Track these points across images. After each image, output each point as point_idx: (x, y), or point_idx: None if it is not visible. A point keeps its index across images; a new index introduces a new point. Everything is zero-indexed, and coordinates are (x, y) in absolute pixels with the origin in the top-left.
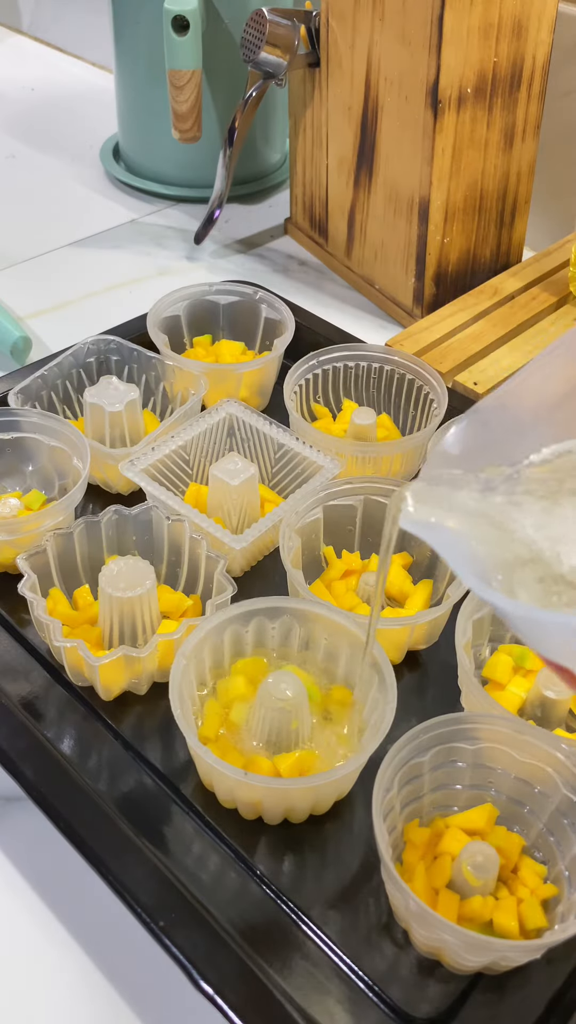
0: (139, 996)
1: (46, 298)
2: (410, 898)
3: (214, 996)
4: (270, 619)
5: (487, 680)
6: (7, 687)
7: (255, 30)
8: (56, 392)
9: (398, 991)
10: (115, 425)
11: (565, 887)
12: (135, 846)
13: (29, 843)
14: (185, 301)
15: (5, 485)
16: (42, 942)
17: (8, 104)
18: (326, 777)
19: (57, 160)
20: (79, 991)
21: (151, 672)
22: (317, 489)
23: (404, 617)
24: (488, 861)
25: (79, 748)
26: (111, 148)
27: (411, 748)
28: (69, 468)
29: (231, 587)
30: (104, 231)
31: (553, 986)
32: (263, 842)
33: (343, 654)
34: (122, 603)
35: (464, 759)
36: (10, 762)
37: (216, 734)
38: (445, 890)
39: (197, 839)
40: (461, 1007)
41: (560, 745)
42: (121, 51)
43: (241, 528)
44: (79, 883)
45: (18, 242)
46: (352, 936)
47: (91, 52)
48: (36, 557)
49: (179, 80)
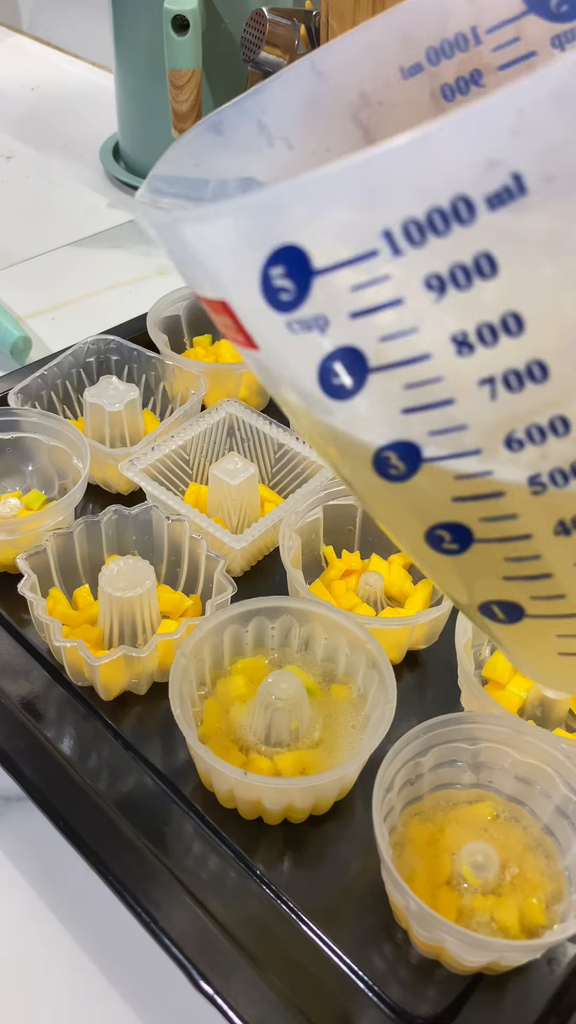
0: (139, 996)
1: (46, 298)
2: (410, 898)
3: (214, 996)
4: (270, 619)
5: (487, 680)
6: (7, 687)
7: (255, 30)
8: (56, 392)
9: (398, 991)
10: (115, 425)
11: (565, 887)
12: (135, 846)
13: (29, 843)
14: (185, 301)
15: (5, 485)
16: (42, 942)
17: (8, 104)
18: (326, 777)
19: (57, 160)
20: (79, 991)
21: (151, 672)
22: (317, 489)
23: (404, 617)
24: (488, 861)
25: (79, 748)
26: (111, 148)
27: (411, 748)
28: (69, 468)
29: (231, 587)
30: (104, 231)
31: (553, 986)
32: (263, 842)
33: (343, 653)
34: (122, 603)
35: (464, 759)
36: (10, 762)
37: (216, 734)
38: (445, 890)
39: (197, 839)
40: (461, 1007)
41: (560, 745)
42: (121, 51)
43: (241, 528)
44: (79, 883)
45: (18, 242)
46: (352, 936)
47: (91, 52)
48: (36, 557)
49: (179, 80)
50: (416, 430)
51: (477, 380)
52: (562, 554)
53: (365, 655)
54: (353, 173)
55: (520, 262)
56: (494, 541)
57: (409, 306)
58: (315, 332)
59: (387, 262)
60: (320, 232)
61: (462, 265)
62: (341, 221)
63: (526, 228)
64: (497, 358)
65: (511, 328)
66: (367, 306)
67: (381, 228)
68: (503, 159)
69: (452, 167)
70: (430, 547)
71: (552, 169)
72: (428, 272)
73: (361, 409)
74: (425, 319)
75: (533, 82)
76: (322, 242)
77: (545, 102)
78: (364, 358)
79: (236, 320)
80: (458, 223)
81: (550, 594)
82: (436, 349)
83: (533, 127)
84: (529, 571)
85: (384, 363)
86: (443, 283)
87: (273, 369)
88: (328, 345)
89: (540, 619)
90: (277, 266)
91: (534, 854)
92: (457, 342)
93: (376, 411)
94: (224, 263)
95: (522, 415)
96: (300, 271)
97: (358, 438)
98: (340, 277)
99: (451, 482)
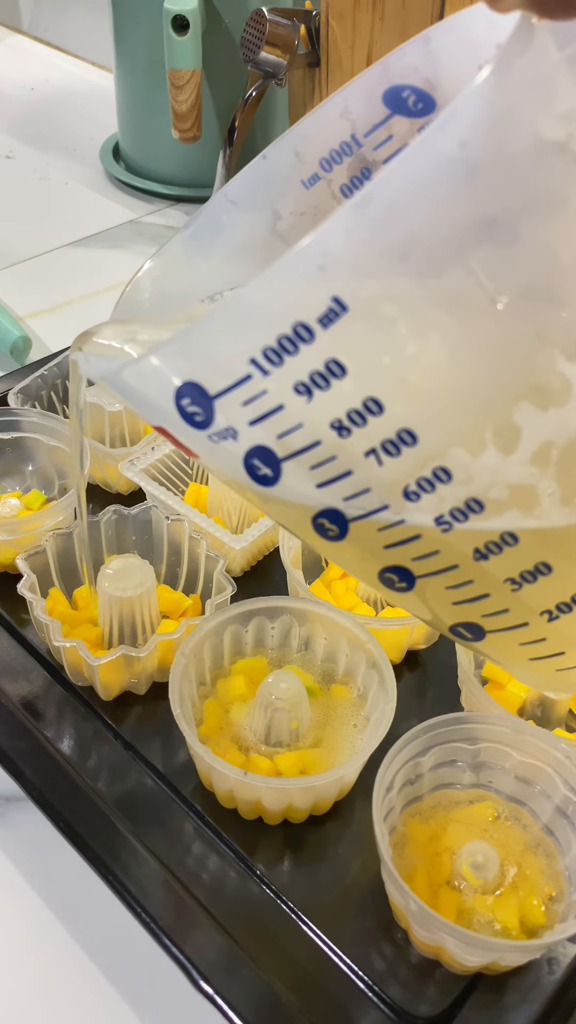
0: (139, 996)
1: (46, 298)
2: (410, 898)
3: (214, 996)
4: (270, 619)
5: (487, 680)
6: (7, 687)
7: (255, 30)
8: (56, 392)
9: (398, 991)
10: (115, 425)
11: (565, 887)
12: (135, 846)
13: (29, 843)
14: None
15: (5, 485)
16: (42, 942)
17: (8, 104)
18: (326, 777)
19: (57, 160)
20: (79, 991)
21: (151, 672)
22: None
23: (404, 617)
24: (488, 861)
25: (79, 748)
26: (111, 148)
27: (411, 748)
28: (69, 468)
29: (231, 587)
30: (104, 231)
31: (553, 986)
32: (263, 842)
33: (343, 653)
34: (122, 603)
35: (464, 759)
36: (10, 762)
37: (216, 734)
38: (445, 890)
39: (197, 839)
40: (461, 1007)
41: (560, 745)
42: (121, 51)
43: (241, 528)
44: (79, 883)
45: (18, 242)
46: (352, 936)
47: (91, 52)
48: (36, 557)
49: (179, 80)
50: (333, 499)
51: (363, 452)
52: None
53: (365, 655)
54: (219, 320)
55: (361, 359)
56: (431, 575)
57: (290, 408)
58: (230, 440)
59: (261, 380)
60: (207, 367)
61: (318, 371)
62: (219, 356)
63: (356, 334)
64: (371, 434)
65: (372, 410)
66: (258, 414)
67: (248, 357)
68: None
69: (285, 305)
70: (386, 587)
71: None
72: (294, 381)
73: (286, 490)
74: (304, 416)
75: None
76: (210, 375)
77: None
78: (272, 452)
79: (174, 439)
80: (303, 343)
81: (495, 610)
82: (322, 436)
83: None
84: (469, 594)
85: (289, 453)
86: (308, 388)
87: (213, 470)
88: (242, 448)
89: (498, 633)
90: (184, 398)
91: (534, 854)
92: (335, 427)
93: (298, 489)
94: (152, 398)
95: (408, 472)
96: (202, 398)
97: (293, 512)
98: (232, 397)
99: (376, 534)
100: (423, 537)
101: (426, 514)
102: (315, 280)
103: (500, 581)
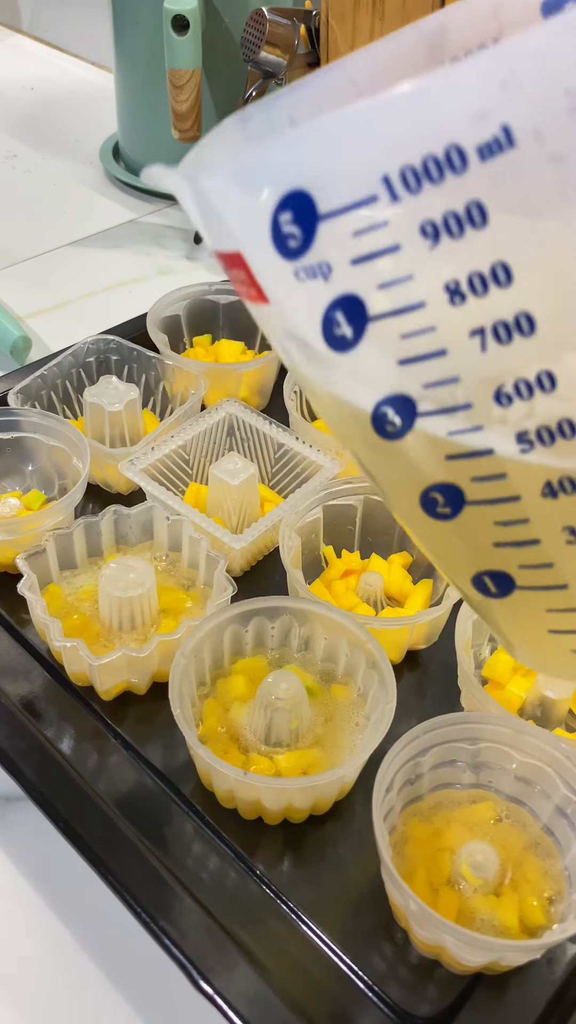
0: (139, 996)
1: (46, 298)
2: (410, 898)
3: (214, 996)
4: (270, 619)
5: (487, 680)
6: (7, 687)
7: (255, 30)
8: (56, 392)
9: (398, 991)
10: (115, 425)
11: (565, 887)
12: (135, 846)
13: (29, 843)
14: (185, 301)
15: (5, 485)
16: (42, 942)
17: (8, 104)
18: (326, 777)
19: (57, 160)
20: (79, 991)
21: (151, 672)
22: (317, 489)
23: (404, 617)
24: (488, 861)
25: (79, 748)
26: (111, 148)
27: (411, 748)
28: (69, 468)
29: (231, 587)
30: (104, 231)
31: (553, 986)
32: (263, 842)
33: (343, 653)
34: (122, 603)
35: (464, 759)
36: (10, 762)
37: (216, 734)
38: (445, 890)
39: (197, 839)
40: (461, 1007)
41: (560, 745)
42: (121, 51)
43: (241, 528)
44: (79, 883)
45: (18, 242)
46: (352, 936)
47: (91, 52)
48: (36, 557)
49: (179, 80)
50: (412, 383)
51: (468, 330)
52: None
53: (365, 655)
54: (354, 120)
55: (509, 214)
56: (485, 503)
57: (406, 252)
58: (319, 279)
59: (385, 207)
60: (324, 178)
61: (455, 213)
62: (343, 167)
63: (512, 179)
64: (487, 309)
65: (500, 279)
66: (367, 252)
67: (380, 174)
68: (492, 110)
69: (446, 117)
70: (425, 512)
71: (539, 125)
72: (423, 219)
73: (360, 362)
74: (420, 266)
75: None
76: (326, 188)
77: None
78: (364, 306)
79: (249, 272)
80: (451, 171)
81: (538, 562)
82: (430, 297)
83: (520, 82)
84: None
85: (382, 311)
86: (437, 230)
87: (281, 324)
88: (331, 293)
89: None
90: (286, 211)
91: (534, 854)
92: (450, 291)
93: (374, 363)
94: (243, 209)
95: (511, 369)
96: (306, 216)
97: (357, 394)
98: (342, 223)
99: (443, 440)
100: (495, 453)
101: (509, 426)
102: (491, 96)
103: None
